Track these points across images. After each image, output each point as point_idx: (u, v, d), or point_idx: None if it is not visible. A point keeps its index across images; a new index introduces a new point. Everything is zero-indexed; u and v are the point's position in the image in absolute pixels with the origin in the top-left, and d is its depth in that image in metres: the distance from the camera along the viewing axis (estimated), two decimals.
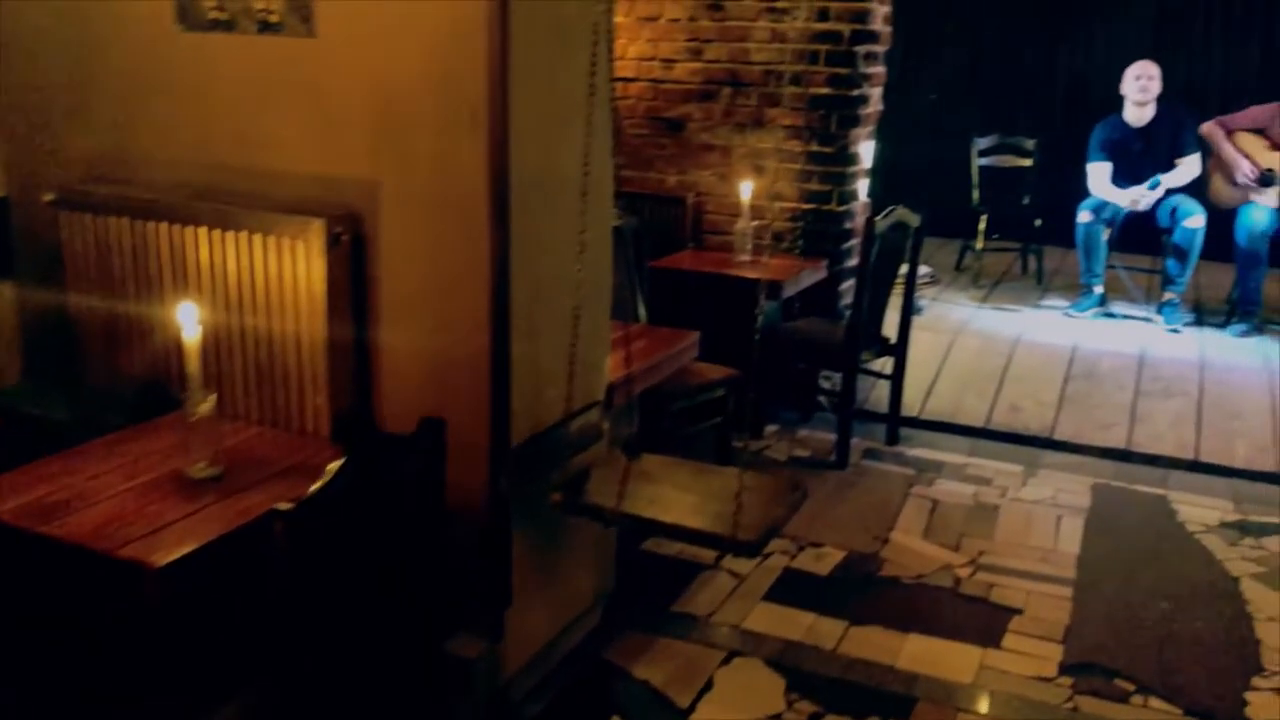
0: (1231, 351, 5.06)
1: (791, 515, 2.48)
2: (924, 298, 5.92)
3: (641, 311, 3.85)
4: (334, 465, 1.70)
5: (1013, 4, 7.57)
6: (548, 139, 2.36)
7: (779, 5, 4.53)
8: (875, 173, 5.02)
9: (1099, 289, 5.69)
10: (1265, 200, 5.39)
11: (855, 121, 4.55)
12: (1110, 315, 5.69)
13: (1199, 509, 3.79)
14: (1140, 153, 5.55)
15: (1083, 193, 5.70)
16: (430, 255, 2.29)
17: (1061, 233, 6.01)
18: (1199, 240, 5.36)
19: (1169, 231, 5.48)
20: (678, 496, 2.43)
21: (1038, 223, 6.35)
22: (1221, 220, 5.53)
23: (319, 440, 2.32)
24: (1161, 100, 5.52)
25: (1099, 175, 5.61)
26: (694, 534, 2.33)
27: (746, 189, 4.43)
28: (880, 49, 4.67)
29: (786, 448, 4.29)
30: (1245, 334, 5.29)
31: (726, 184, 4.71)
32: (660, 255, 4.44)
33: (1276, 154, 5.39)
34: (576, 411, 2.61)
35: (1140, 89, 5.47)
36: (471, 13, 2.13)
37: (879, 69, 4.71)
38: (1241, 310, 5.40)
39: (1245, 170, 5.43)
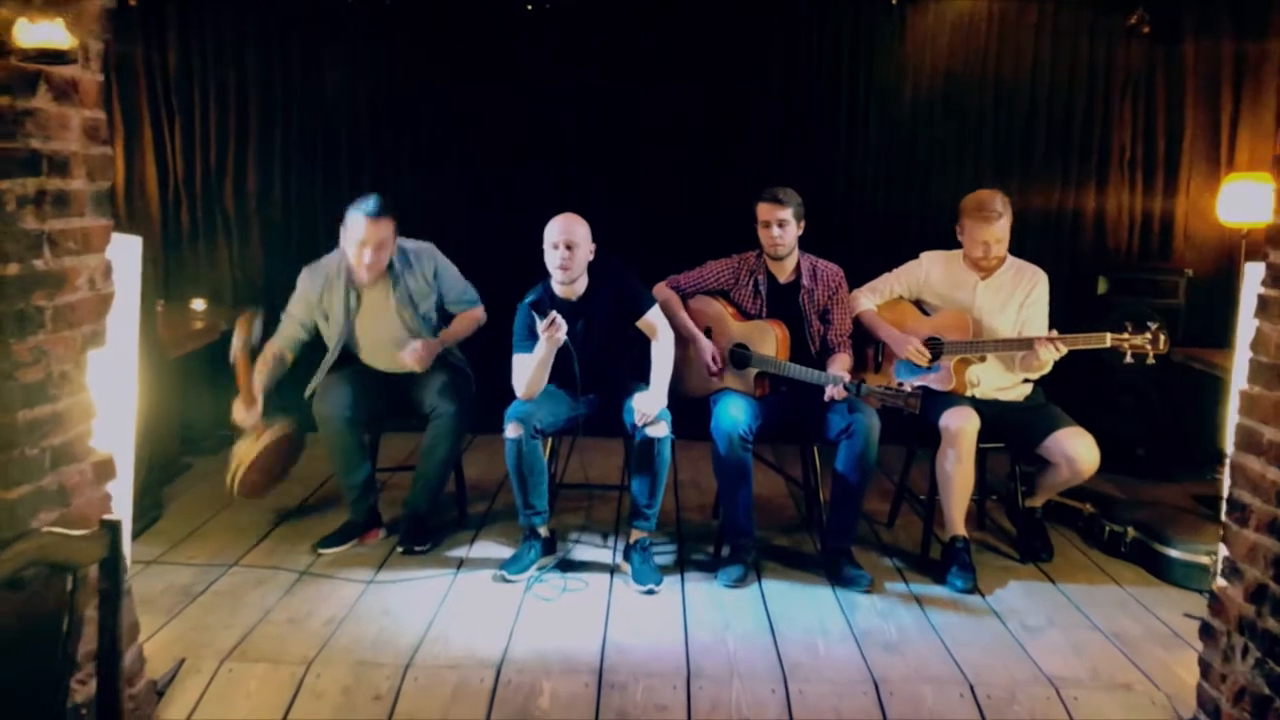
0: (729, 624, 3.43)
1: None
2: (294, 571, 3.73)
3: None
4: None
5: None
6: None
7: None
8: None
9: (544, 530, 3.89)
10: (741, 387, 3.98)
11: None
12: (564, 569, 3.89)
13: None
14: (582, 333, 3.91)
15: (508, 396, 3.89)
16: None
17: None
18: (667, 452, 3.76)
19: (630, 437, 3.85)
20: None
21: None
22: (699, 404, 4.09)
23: None
24: (594, 263, 3.93)
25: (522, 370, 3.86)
26: None
27: None
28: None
29: None
30: (739, 582, 3.73)
31: None
32: None
33: (747, 324, 4.04)
34: None
35: (561, 259, 3.83)
36: None
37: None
38: (731, 545, 3.85)
39: (706, 353, 4.01)
